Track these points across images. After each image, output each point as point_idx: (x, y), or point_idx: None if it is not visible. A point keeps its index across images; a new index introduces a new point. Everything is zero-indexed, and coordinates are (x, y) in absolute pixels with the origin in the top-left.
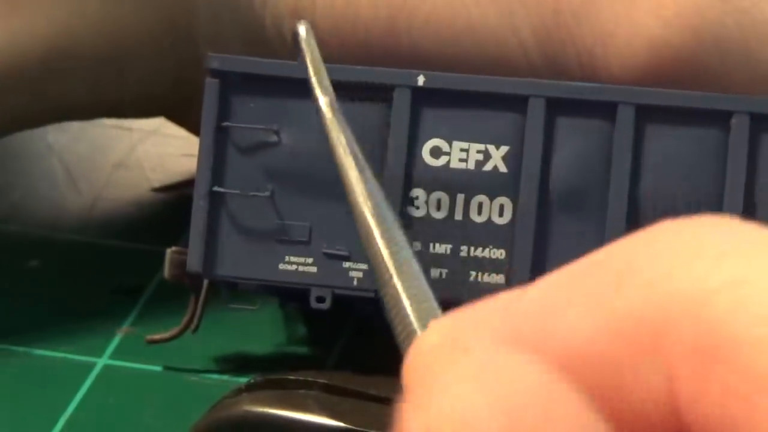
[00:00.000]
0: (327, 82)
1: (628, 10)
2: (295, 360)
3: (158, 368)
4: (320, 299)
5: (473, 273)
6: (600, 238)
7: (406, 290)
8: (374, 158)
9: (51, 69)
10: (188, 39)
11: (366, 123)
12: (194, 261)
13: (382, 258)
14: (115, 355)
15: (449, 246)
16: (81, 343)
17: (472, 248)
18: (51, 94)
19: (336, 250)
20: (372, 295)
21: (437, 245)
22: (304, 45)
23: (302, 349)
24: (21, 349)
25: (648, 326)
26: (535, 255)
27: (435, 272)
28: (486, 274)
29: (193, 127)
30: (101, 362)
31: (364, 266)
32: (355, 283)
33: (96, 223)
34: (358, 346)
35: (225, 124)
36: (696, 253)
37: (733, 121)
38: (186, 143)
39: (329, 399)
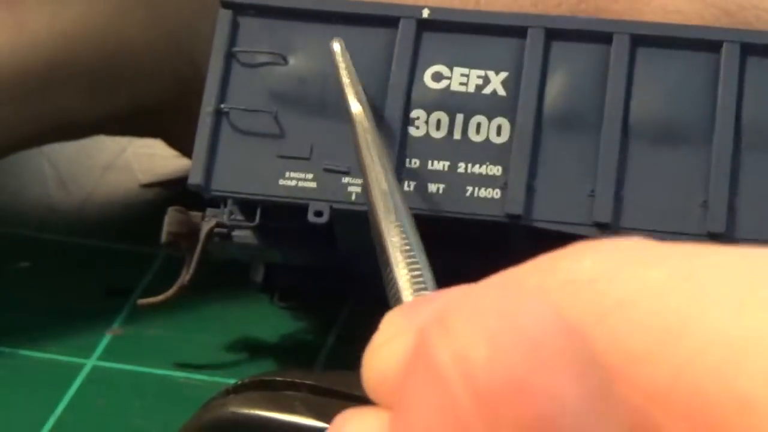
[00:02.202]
0: (361, 92)
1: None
2: (282, 361)
3: (147, 369)
4: (318, 213)
5: (470, 188)
6: (593, 158)
7: (405, 268)
8: (378, 80)
9: (52, 82)
10: (190, 59)
11: (372, 47)
12: (196, 175)
13: (388, 246)
14: (104, 356)
15: (447, 163)
16: (70, 344)
17: (470, 165)
18: (51, 109)
19: (336, 166)
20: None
21: (435, 162)
22: (338, 59)
23: (290, 351)
24: (10, 349)
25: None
26: (530, 172)
27: (432, 187)
28: (482, 189)
29: (186, 149)
30: (90, 363)
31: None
32: (353, 197)
33: (86, 225)
34: (346, 347)
35: (234, 49)
36: (598, 275)
37: (724, 49)
38: None
39: (317, 400)
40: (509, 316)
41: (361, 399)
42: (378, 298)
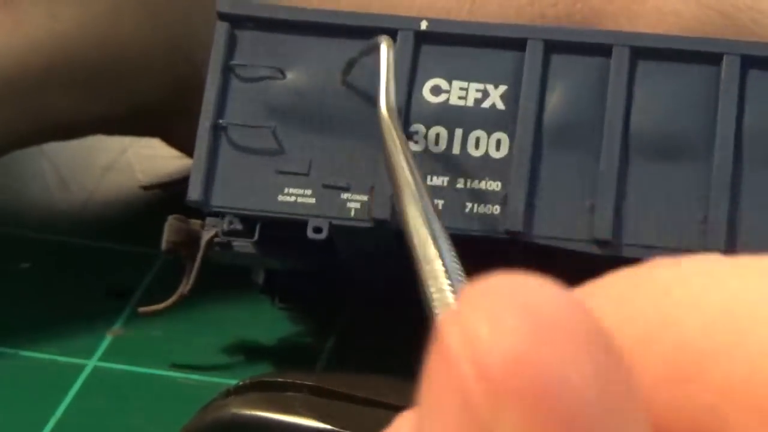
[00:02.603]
0: (392, 92)
1: (635, 15)
2: (283, 362)
3: (148, 370)
4: (317, 230)
5: (469, 204)
6: (593, 172)
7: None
8: (377, 94)
9: (50, 82)
10: (188, 61)
11: (371, 60)
12: (195, 191)
13: (423, 241)
14: (105, 357)
15: (446, 178)
16: (71, 345)
17: (469, 180)
18: (49, 109)
19: (335, 182)
20: (368, 225)
21: (435, 178)
22: (383, 57)
23: (290, 352)
24: (11, 350)
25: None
26: (530, 187)
27: None
28: (482, 205)
29: (186, 148)
30: (91, 364)
31: (362, 197)
32: (352, 213)
33: (87, 225)
34: (346, 348)
35: (232, 63)
36: (672, 283)
37: (724, 61)
38: None
39: (317, 401)
40: (517, 296)
41: (360, 400)
42: (377, 301)
